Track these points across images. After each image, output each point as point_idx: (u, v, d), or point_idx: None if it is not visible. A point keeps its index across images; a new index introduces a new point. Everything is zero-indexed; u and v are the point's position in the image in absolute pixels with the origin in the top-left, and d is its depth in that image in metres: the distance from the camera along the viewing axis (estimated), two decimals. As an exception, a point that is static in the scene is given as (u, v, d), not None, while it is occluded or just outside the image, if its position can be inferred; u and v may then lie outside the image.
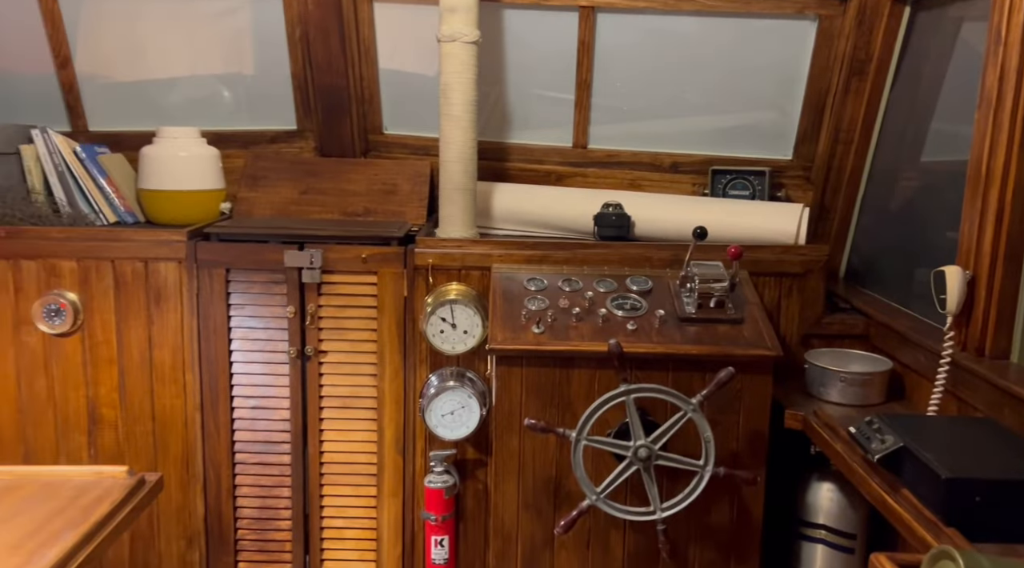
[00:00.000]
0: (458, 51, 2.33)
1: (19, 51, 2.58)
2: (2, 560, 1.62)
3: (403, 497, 2.43)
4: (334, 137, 2.76)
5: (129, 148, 2.60)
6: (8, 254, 2.28)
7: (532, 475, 2.10)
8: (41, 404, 2.34)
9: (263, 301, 2.38)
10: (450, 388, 2.33)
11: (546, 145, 2.78)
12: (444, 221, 2.44)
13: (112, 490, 1.92)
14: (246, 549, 2.45)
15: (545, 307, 2.16)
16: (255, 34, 2.72)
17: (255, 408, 2.41)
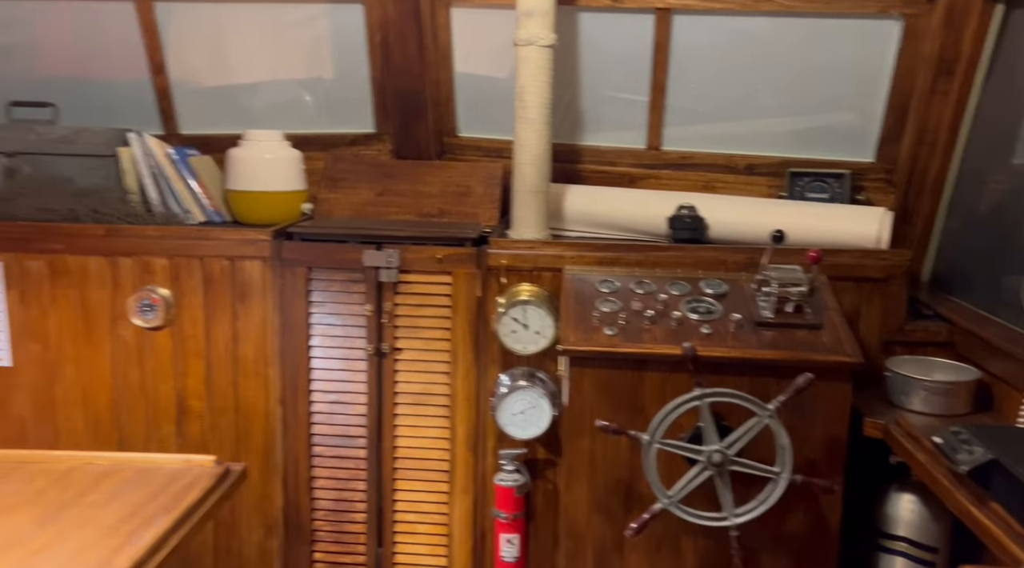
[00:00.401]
0: (534, 55, 2.35)
1: (118, 60, 2.71)
2: (101, 541, 1.71)
3: (474, 494, 2.47)
4: (410, 140, 2.82)
5: (217, 150, 2.71)
6: (107, 251, 2.41)
7: (603, 477, 2.11)
8: (134, 394, 2.46)
9: (342, 299, 2.46)
10: (521, 388, 2.35)
11: (619, 147, 2.78)
12: (517, 223, 2.47)
13: (201, 478, 2.01)
14: (322, 540, 2.53)
15: (618, 309, 2.17)
16: (334, 40, 2.80)
17: (333, 402, 2.48)
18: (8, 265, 2.40)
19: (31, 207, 2.41)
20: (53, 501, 1.87)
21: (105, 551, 1.66)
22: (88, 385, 2.45)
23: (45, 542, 1.69)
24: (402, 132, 2.81)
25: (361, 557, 2.52)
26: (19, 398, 2.45)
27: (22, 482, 1.96)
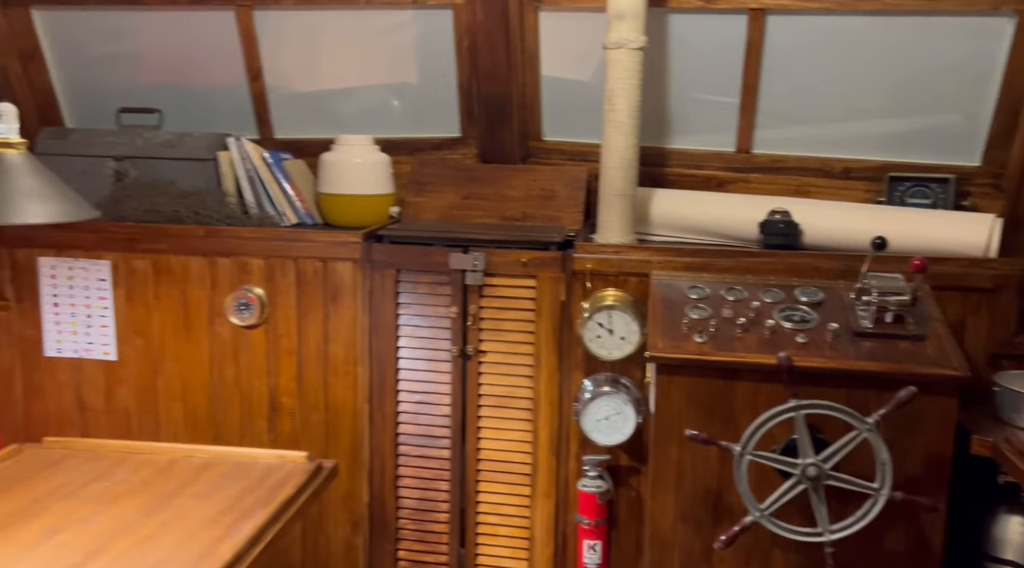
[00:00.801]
0: (624, 57, 2.33)
1: (217, 67, 2.82)
2: (204, 532, 1.78)
3: (556, 499, 2.47)
4: (495, 144, 2.84)
5: (309, 154, 2.79)
6: (207, 252, 2.51)
7: (691, 487, 2.07)
8: (229, 390, 2.55)
9: (429, 301, 2.49)
10: (605, 393, 2.34)
11: (707, 150, 2.73)
12: (602, 227, 2.46)
13: (294, 474, 2.07)
14: (406, 538, 2.57)
15: (707, 316, 2.13)
16: (420, 46, 2.84)
17: (418, 403, 2.52)
18: (116, 264, 2.53)
19: (138, 209, 2.53)
20: (158, 491, 1.95)
21: (207, 542, 1.73)
22: (187, 380, 2.56)
23: (152, 530, 1.77)
24: (487, 136, 2.83)
25: (444, 557, 2.55)
26: (124, 391, 2.57)
27: (129, 472, 2.06)
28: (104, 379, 2.57)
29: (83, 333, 2.55)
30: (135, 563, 1.64)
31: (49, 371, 2.57)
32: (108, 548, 1.69)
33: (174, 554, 1.68)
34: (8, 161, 1.72)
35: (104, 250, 2.52)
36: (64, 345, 2.56)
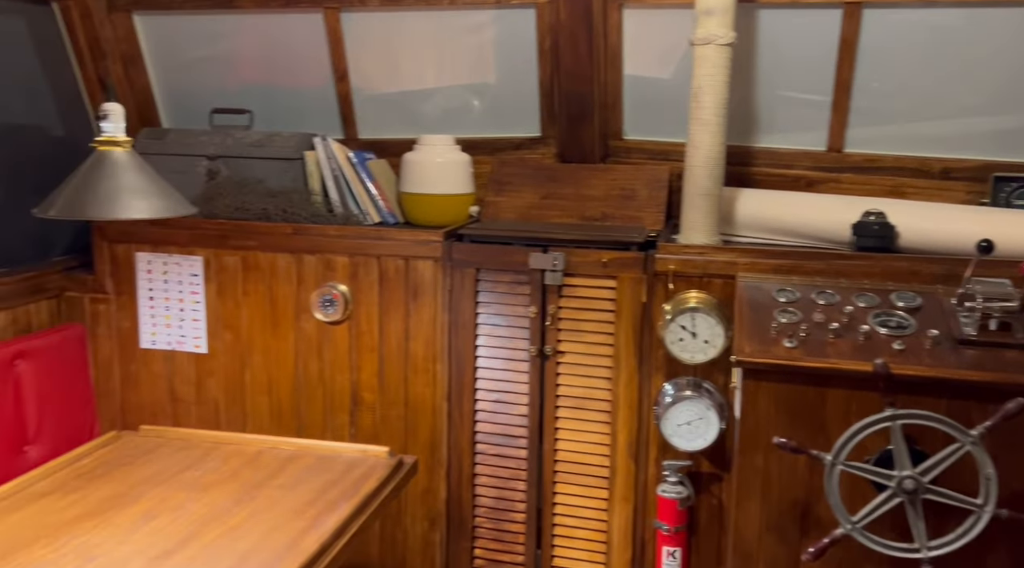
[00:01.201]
0: (712, 54, 2.28)
1: (305, 68, 2.89)
2: (290, 523, 1.82)
3: (634, 503, 2.43)
4: (575, 143, 2.82)
5: (391, 154, 2.83)
6: (294, 249, 2.57)
7: (778, 496, 2.01)
8: (313, 384, 2.61)
9: (508, 300, 2.49)
10: (687, 398, 2.29)
11: (795, 149, 2.65)
12: (686, 227, 2.41)
13: (376, 468, 2.10)
14: (482, 537, 2.57)
15: (797, 320, 2.06)
16: (500, 45, 2.84)
17: (496, 402, 2.52)
18: (207, 260, 2.61)
19: (229, 207, 2.61)
20: (247, 481, 2.01)
21: (293, 533, 1.77)
22: (273, 374, 2.62)
23: (242, 519, 1.82)
24: (567, 135, 2.81)
25: (520, 557, 2.54)
26: (213, 383, 2.66)
27: (219, 461, 2.12)
28: (195, 371, 2.66)
29: (176, 326, 2.65)
30: (225, 551, 1.69)
31: (144, 362, 2.68)
32: (200, 535, 1.75)
33: (262, 544, 1.72)
34: (114, 159, 1.80)
35: (197, 246, 2.61)
36: (158, 337, 2.66)
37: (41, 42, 2.66)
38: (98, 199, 1.73)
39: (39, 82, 2.68)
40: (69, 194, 1.78)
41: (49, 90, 2.71)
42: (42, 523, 1.78)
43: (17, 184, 2.62)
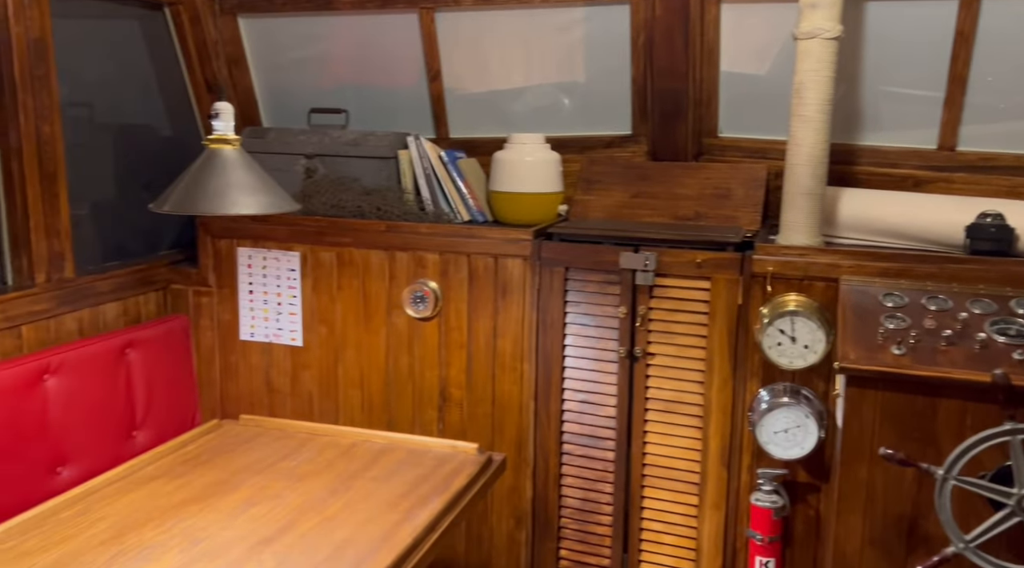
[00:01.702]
0: (816, 48, 2.20)
1: (399, 68, 2.93)
2: (384, 515, 1.85)
3: (726, 511, 2.37)
4: (667, 141, 2.77)
5: (481, 153, 2.84)
6: (387, 246, 2.61)
7: (882, 510, 1.92)
8: (403, 379, 2.65)
9: (596, 300, 2.46)
10: (784, 405, 2.22)
11: (903, 147, 2.53)
12: (786, 227, 2.33)
13: (466, 464, 2.11)
14: (568, 537, 2.56)
15: (906, 326, 1.96)
16: (592, 43, 2.82)
17: (583, 402, 2.50)
18: (304, 256, 2.69)
19: (325, 204, 2.68)
20: (341, 472, 2.05)
21: (387, 525, 1.79)
22: (365, 368, 2.67)
23: (337, 509, 1.86)
24: (659, 133, 2.76)
25: (606, 560, 2.51)
26: (308, 376, 2.73)
27: (314, 452, 2.17)
28: (290, 363, 2.74)
29: (273, 319, 2.73)
30: (323, 541, 1.72)
31: (243, 354, 2.78)
32: (298, 524, 1.80)
33: (358, 535, 1.75)
34: (224, 156, 1.86)
35: (295, 242, 2.68)
36: (256, 330, 2.75)
37: (153, 45, 2.79)
38: (209, 195, 1.80)
39: (150, 84, 2.81)
40: (182, 190, 1.85)
41: (159, 91, 2.84)
42: (152, 506, 1.86)
43: (130, 182, 2.75)
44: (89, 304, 2.49)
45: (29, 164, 2.28)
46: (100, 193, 2.67)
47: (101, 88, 2.65)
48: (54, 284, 2.38)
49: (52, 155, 2.35)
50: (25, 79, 2.24)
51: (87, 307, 2.48)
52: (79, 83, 2.50)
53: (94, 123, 2.66)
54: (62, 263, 2.41)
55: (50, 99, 2.32)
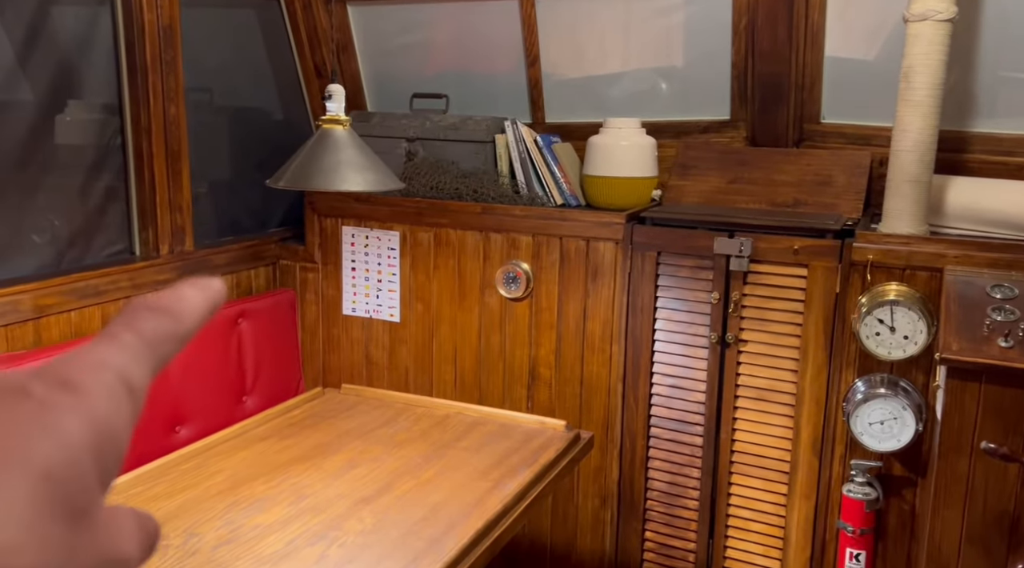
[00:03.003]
0: (928, 30, 2.13)
1: (498, 54, 3.00)
2: (475, 482, 1.92)
3: (816, 501, 2.34)
4: (767, 127, 2.73)
5: (576, 138, 2.87)
6: (481, 227, 2.68)
7: (982, 506, 1.86)
8: (494, 357, 2.72)
9: (688, 285, 2.46)
10: (881, 396, 2.17)
11: (1019, 134, 2.41)
12: (888, 215, 2.27)
13: (554, 440, 2.16)
14: (653, 520, 2.58)
15: (1015, 319, 1.89)
16: (690, 27, 2.80)
17: (672, 387, 2.51)
18: (404, 235, 2.79)
19: (425, 186, 2.77)
20: (435, 441, 2.14)
21: (479, 492, 1.87)
22: (458, 344, 2.76)
23: (432, 475, 1.95)
24: (759, 119, 2.72)
25: (691, 544, 2.52)
26: (404, 350, 2.84)
27: (410, 421, 2.27)
28: (388, 338, 2.85)
29: (374, 296, 2.85)
30: (419, 502, 1.81)
31: (344, 328, 2.91)
32: (395, 485, 1.89)
33: (451, 499, 1.83)
34: (336, 136, 1.97)
35: (395, 222, 2.79)
36: (358, 305, 2.88)
37: (267, 33, 2.95)
38: (321, 172, 1.91)
39: (264, 70, 2.97)
40: (296, 167, 1.97)
41: (272, 77, 3.00)
42: (262, 462, 2.00)
43: (244, 162, 2.92)
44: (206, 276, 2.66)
45: (157, 143, 2.46)
46: (217, 172, 2.85)
47: (220, 73, 2.83)
48: (176, 256, 2.56)
49: (177, 135, 2.52)
50: (156, 63, 2.42)
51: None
52: (200, 68, 2.67)
53: (213, 106, 2.84)
54: (183, 237, 2.59)
55: (176, 82, 2.50)
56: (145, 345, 0.28)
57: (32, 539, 0.22)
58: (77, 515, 0.23)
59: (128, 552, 0.25)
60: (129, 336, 0.28)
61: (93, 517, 0.24)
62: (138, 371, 0.28)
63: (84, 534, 0.23)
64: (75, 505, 0.23)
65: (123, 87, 2.42)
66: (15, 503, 0.22)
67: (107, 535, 0.24)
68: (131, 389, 0.27)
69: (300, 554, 1.60)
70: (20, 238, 2.24)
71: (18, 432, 0.23)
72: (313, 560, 1.58)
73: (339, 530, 1.69)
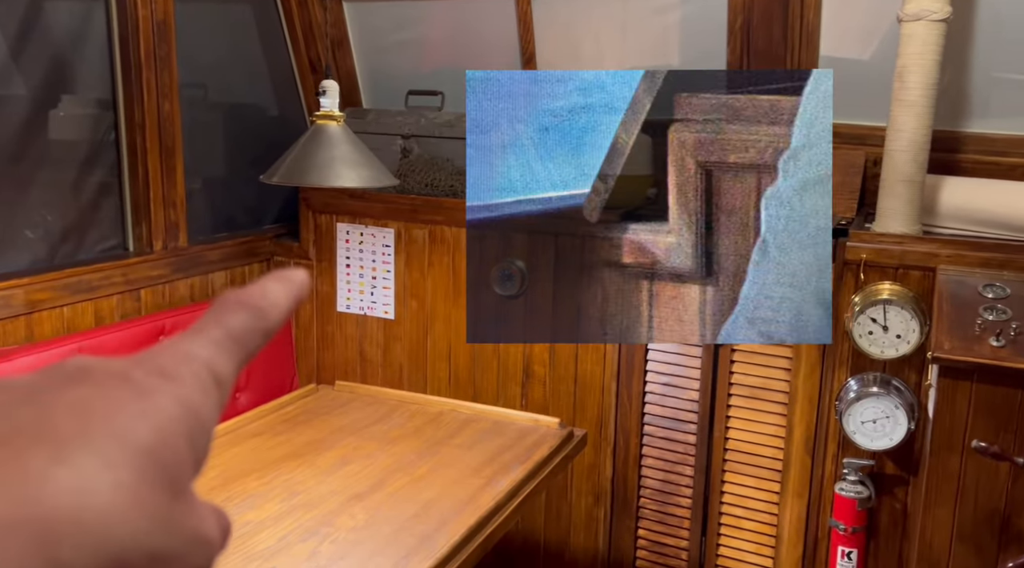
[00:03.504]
0: (922, 30, 2.13)
1: (493, 52, 3.00)
2: (468, 479, 1.92)
3: (808, 500, 2.35)
4: (761, 126, 2.73)
5: (572, 135, 2.87)
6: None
7: (973, 504, 1.87)
8: (488, 355, 2.72)
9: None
10: (873, 394, 2.18)
11: (1013, 135, 2.42)
12: (882, 214, 2.27)
13: (547, 437, 2.17)
14: (646, 517, 2.58)
15: (1007, 318, 1.90)
16: (686, 26, 2.80)
17: (666, 385, 2.51)
18: (398, 232, 2.79)
19: (420, 183, 2.77)
20: (428, 438, 2.14)
21: (471, 489, 1.87)
22: (452, 342, 2.76)
23: (425, 471, 1.95)
24: (754, 118, 2.73)
25: (684, 542, 2.53)
26: (398, 347, 2.84)
27: (404, 418, 2.27)
28: (383, 335, 2.85)
29: (368, 293, 2.85)
30: (411, 498, 1.81)
31: (339, 324, 2.91)
32: (388, 482, 1.89)
33: (444, 495, 1.83)
34: (331, 132, 1.97)
35: (390, 219, 2.79)
36: (352, 302, 2.88)
37: (263, 29, 2.94)
38: (315, 167, 1.90)
39: (259, 66, 2.96)
40: (290, 163, 1.97)
41: (267, 73, 2.99)
42: (255, 459, 1.99)
43: (238, 158, 2.92)
44: (200, 272, 2.66)
45: (151, 138, 2.46)
46: (211, 168, 2.84)
47: (214, 69, 2.82)
48: (170, 252, 2.55)
49: (171, 131, 2.52)
50: (149, 58, 2.41)
51: (198, 275, 2.65)
52: (195, 64, 2.67)
53: (207, 102, 2.83)
54: (177, 232, 2.58)
55: (170, 78, 2.49)
56: (232, 340, 0.30)
57: (136, 505, 0.23)
58: (176, 491, 0.25)
59: (214, 535, 0.26)
60: (217, 331, 0.30)
61: (188, 496, 0.26)
62: (225, 364, 0.29)
63: (181, 508, 0.25)
64: (174, 481, 0.25)
65: (117, 83, 2.42)
66: (121, 471, 0.23)
67: (199, 516, 0.26)
68: (219, 381, 0.29)
69: (292, 550, 1.60)
70: (13, 233, 2.23)
71: (122, 411, 0.25)
72: (305, 556, 1.58)
73: (331, 526, 1.69)
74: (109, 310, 2.36)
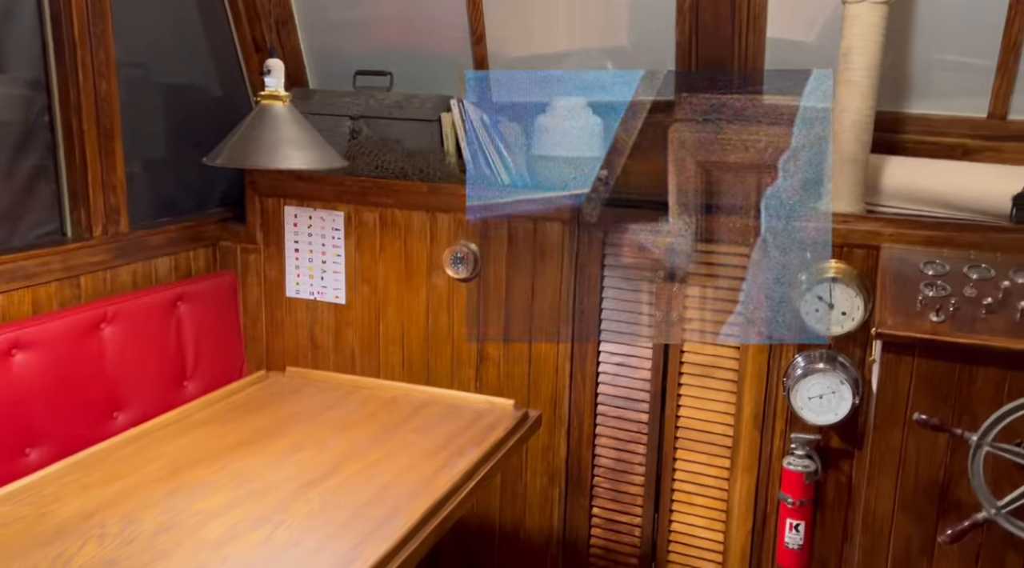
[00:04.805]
0: (865, 12, 2.17)
1: (443, 31, 2.95)
2: (424, 462, 1.92)
3: (758, 475, 2.40)
4: (711, 107, 2.75)
5: (523, 117, 2.85)
6: (428, 207, 2.66)
7: (914, 475, 1.93)
8: (442, 338, 2.71)
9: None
10: (819, 370, 2.23)
11: (952, 115, 2.48)
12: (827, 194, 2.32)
13: (503, 419, 2.17)
14: (600, 496, 2.61)
15: (946, 294, 1.96)
16: (635, 6, 2.80)
17: (619, 365, 2.54)
18: (348, 215, 2.75)
19: (369, 165, 2.73)
20: (383, 422, 2.12)
21: (428, 472, 1.86)
22: (406, 325, 2.74)
23: (380, 456, 1.93)
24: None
25: (637, 519, 2.57)
26: (351, 332, 2.80)
27: (357, 403, 2.25)
28: (334, 320, 2.81)
29: (318, 277, 2.81)
30: (366, 483, 1.80)
31: (288, 310, 2.86)
32: (342, 468, 1.87)
33: (399, 480, 1.82)
34: (276, 112, 1.92)
35: (339, 202, 2.74)
36: (302, 287, 2.83)
37: (204, 5, 2.84)
38: (261, 149, 1.86)
39: (201, 44, 2.87)
40: (234, 144, 1.91)
41: (209, 52, 2.90)
42: (203, 448, 1.95)
43: (180, 140, 2.83)
44: (142, 258, 2.58)
45: (88, 120, 2.37)
46: (152, 150, 2.75)
47: (154, 48, 2.72)
48: (110, 237, 2.47)
49: (109, 112, 2.43)
50: (84, 36, 2.32)
51: (140, 260, 2.57)
52: (133, 42, 2.57)
53: (147, 82, 2.73)
54: (117, 217, 2.50)
55: (107, 57, 2.39)
56: None
57: None
58: None
59: None
60: None
61: None
62: None
63: None
64: None
65: (49, 62, 2.32)
66: None
67: None
68: None
69: (244, 538, 1.58)
70: (-59, 219, 2.13)
71: None
72: (257, 543, 1.56)
73: (284, 513, 1.67)
74: (47, 298, 2.27)
